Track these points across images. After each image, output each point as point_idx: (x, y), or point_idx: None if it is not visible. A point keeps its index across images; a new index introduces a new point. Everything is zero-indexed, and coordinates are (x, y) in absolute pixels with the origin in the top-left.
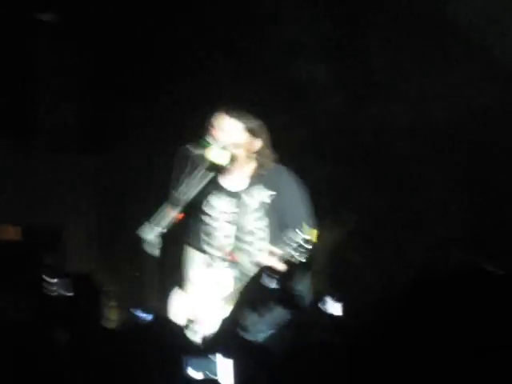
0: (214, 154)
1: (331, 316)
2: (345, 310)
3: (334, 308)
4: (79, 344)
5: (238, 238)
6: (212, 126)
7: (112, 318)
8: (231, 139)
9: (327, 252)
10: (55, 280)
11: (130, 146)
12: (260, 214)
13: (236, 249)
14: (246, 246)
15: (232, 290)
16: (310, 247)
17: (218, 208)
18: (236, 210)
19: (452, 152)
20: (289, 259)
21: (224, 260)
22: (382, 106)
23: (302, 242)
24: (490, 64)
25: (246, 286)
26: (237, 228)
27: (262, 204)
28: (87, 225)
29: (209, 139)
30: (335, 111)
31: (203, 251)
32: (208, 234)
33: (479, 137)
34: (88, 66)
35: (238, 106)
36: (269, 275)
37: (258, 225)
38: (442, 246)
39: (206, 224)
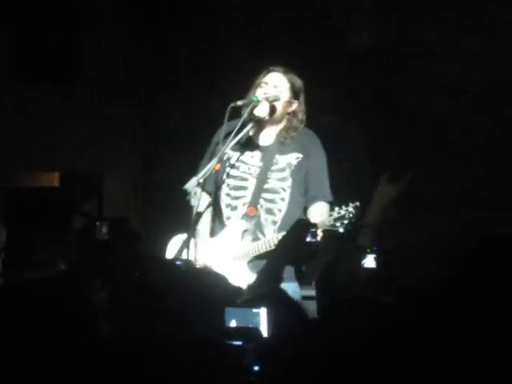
0: (259, 108)
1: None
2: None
3: (369, 261)
4: (116, 291)
5: (258, 193)
6: (258, 80)
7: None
8: (276, 94)
9: (380, 206)
10: (95, 223)
11: (171, 97)
12: (285, 174)
13: (255, 203)
14: (267, 203)
15: (242, 244)
16: (352, 219)
17: (244, 160)
18: (260, 164)
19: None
20: (329, 228)
21: (238, 211)
22: (427, 65)
23: (344, 214)
24: None
25: (284, 240)
26: (259, 182)
27: (288, 165)
28: (126, 173)
29: (257, 95)
30: (377, 72)
31: (217, 199)
32: (228, 184)
33: None
34: (132, 16)
35: (283, 64)
36: (310, 231)
37: (281, 184)
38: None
39: (229, 174)
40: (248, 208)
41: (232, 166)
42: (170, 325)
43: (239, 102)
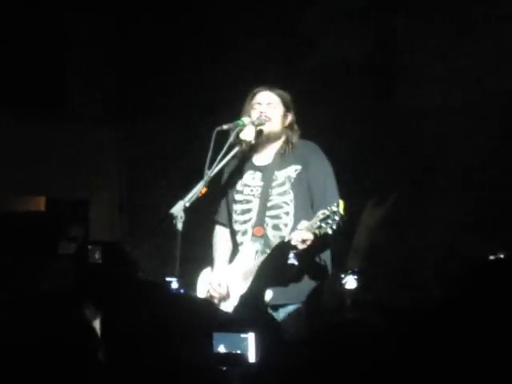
0: (245, 132)
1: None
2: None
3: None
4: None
5: (263, 212)
6: (247, 103)
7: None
8: (272, 112)
9: (368, 229)
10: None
11: (158, 119)
12: (285, 188)
13: (261, 222)
14: (272, 220)
15: (254, 263)
16: (337, 218)
17: (246, 183)
18: (261, 183)
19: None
20: (316, 231)
21: (248, 234)
22: (412, 86)
23: (329, 213)
24: None
25: (268, 260)
26: (262, 201)
27: (288, 178)
28: (112, 197)
29: (243, 119)
30: (363, 91)
31: (232, 228)
32: (236, 210)
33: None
34: (117, 38)
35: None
36: (292, 253)
37: (282, 199)
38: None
39: (235, 200)
40: (254, 228)
41: (237, 192)
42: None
43: (225, 126)
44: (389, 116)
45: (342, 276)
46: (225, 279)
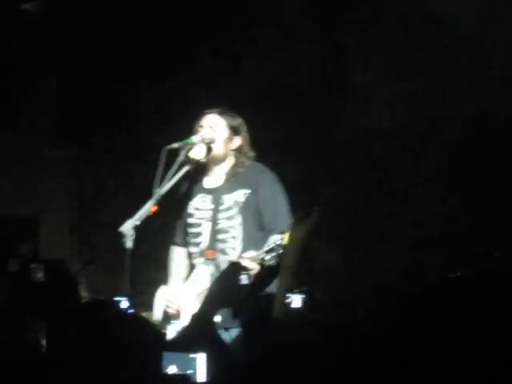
0: (195, 150)
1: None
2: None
3: (296, 301)
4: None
5: (213, 236)
6: (196, 124)
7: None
8: (213, 135)
9: (294, 247)
10: (31, 265)
11: (109, 138)
12: (233, 212)
13: (212, 246)
14: (220, 244)
15: (206, 287)
16: (281, 251)
17: (197, 206)
18: (211, 206)
19: (429, 155)
20: (261, 262)
21: (202, 257)
22: (360, 106)
23: (273, 246)
24: (472, 65)
25: (218, 281)
26: (212, 225)
27: (236, 202)
28: (62, 215)
29: (193, 138)
30: (313, 110)
31: (186, 249)
32: (189, 233)
33: (458, 140)
34: (71, 57)
35: (221, 105)
36: (243, 274)
37: (230, 223)
38: (414, 248)
39: (188, 223)
40: (207, 252)
41: (189, 215)
42: (106, 369)
43: (175, 145)
44: (339, 135)
45: (288, 295)
46: (179, 297)
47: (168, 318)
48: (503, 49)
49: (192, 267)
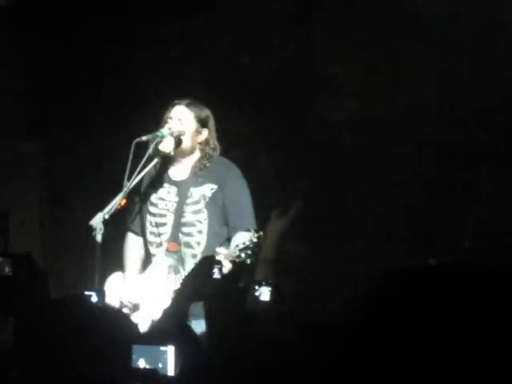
0: (164, 143)
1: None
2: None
3: (265, 294)
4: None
5: (177, 228)
6: (164, 115)
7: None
8: (182, 128)
9: (274, 241)
10: None
11: (78, 132)
12: (199, 206)
13: (174, 238)
14: (185, 237)
15: (167, 278)
16: (256, 250)
17: (161, 196)
18: (176, 198)
19: (398, 147)
20: (235, 259)
21: (161, 247)
22: (330, 99)
23: (249, 244)
24: (445, 58)
25: (192, 274)
26: (177, 217)
27: (202, 196)
28: (31, 210)
29: (162, 130)
30: (283, 103)
31: (145, 237)
32: (150, 222)
33: (428, 133)
34: (39, 52)
35: (189, 97)
36: (216, 268)
37: (196, 217)
38: (386, 240)
39: (150, 212)
40: (169, 244)
41: (151, 204)
42: (76, 364)
43: (144, 138)
44: (309, 127)
45: (256, 288)
46: (136, 290)
47: (125, 309)
48: (474, 39)
49: (148, 257)
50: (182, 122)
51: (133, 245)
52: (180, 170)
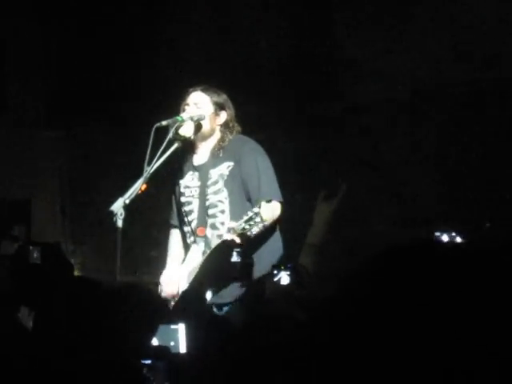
0: (184, 128)
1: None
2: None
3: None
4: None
5: (202, 212)
6: (183, 101)
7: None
8: (198, 111)
9: (320, 225)
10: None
11: (97, 119)
12: (219, 186)
13: (202, 222)
14: (210, 219)
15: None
16: (258, 220)
17: (187, 184)
18: (198, 183)
19: (421, 128)
20: (240, 232)
21: (194, 234)
22: (352, 82)
23: (251, 215)
24: (457, 40)
25: (209, 258)
26: (201, 202)
27: (221, 176)
28: (53, 197)
29: (182, 115)
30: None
31: (182, 230)
32: (182, 212)
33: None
34: (59, 40)
35: (206, 82)
36: (235, 251)
37: (217, 197)
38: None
39: (181, 202)
40: (197, 229)
41: (181, 195)
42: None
43: (164, 123)
44: (332, 111)
45: (276, 272)
46: (174, 279)
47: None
48: (489, 20)
49: (187, 248)
50: (199, 105)
51: (174, 239)
52: (201, 154)
